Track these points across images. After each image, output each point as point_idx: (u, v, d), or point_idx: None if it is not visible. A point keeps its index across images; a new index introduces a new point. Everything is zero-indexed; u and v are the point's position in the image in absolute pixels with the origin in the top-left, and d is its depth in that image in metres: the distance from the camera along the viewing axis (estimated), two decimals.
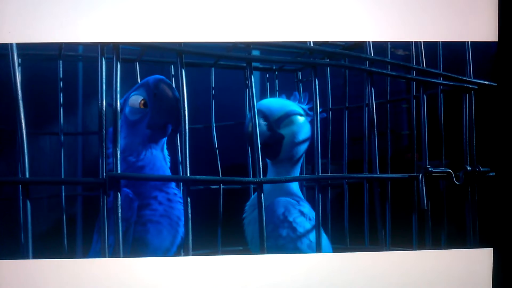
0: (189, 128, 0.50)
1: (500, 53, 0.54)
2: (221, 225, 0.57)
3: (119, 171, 0.48)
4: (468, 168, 0.57)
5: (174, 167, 0.57)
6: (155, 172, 0.56)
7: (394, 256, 0.55)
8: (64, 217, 0.54)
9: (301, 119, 0.57)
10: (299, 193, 0.58)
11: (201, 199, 0.54)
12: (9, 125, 0.52)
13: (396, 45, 0.56)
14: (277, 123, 0.56)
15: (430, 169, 0.56)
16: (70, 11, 0.51)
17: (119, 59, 0.49)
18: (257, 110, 0.54)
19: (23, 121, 0.48)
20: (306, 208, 0.57)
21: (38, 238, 0.52)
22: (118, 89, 0.49)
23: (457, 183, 0.56)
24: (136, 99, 0.55)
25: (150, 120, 0.55)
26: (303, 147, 0.57)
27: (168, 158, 0.57)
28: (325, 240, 0.56)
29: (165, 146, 0.57)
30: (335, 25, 0.53)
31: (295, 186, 0.58)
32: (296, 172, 0.58)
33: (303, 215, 0.56)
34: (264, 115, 0.56)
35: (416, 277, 0.55)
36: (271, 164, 0.58)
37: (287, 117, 0.56)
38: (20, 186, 0.48)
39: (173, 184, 0.56)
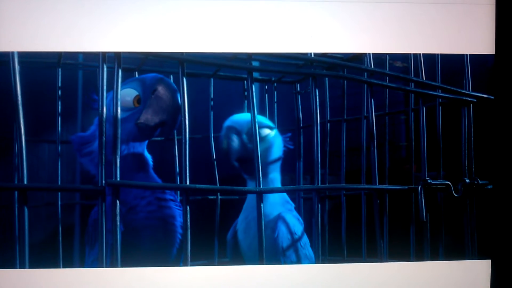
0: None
1: (497, 66, 0.55)
2: (218, 236, 0.56)
3: (118, 179, 0.48)
4: (467, 180, 0.57)
5: (171, 177, 0.57)
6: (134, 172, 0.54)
7: (391, 268, 0.55)
8: (60, 226, 0.54)
9: (272, 133, 0.57)
10: (287, 197, 0.58)
11: (198, 209, 0.54)
12: (6, 133, 0.52)
13: (394, 57, 0.56)
14: (249, 137, 0.55)
15: (429, 181, 0.56)
16: (71, 20, 0.51)
17: (121, 66, 0.49)
18: (229, 127, 0.54)
19: (22, 127, 0.48)
20: (295, 212, 0.57)
21: (34, 247, 0.51)
22: (119, 96, 0.49)
23: (455, 195, 0.57)
24: (129, 94, 0.54)
25: (142, 118, 0.54)
26: (277, 162, 0.57)
27: (150, 157, 0.55)
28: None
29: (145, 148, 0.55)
30: (334, 37, 0.54)
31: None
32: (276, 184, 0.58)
33: (300, 222, 0.56)
34: (236, 131, 0.56)
35: None
36: (250, 179, 0.57)
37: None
38: (18, 192, 0.48)
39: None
